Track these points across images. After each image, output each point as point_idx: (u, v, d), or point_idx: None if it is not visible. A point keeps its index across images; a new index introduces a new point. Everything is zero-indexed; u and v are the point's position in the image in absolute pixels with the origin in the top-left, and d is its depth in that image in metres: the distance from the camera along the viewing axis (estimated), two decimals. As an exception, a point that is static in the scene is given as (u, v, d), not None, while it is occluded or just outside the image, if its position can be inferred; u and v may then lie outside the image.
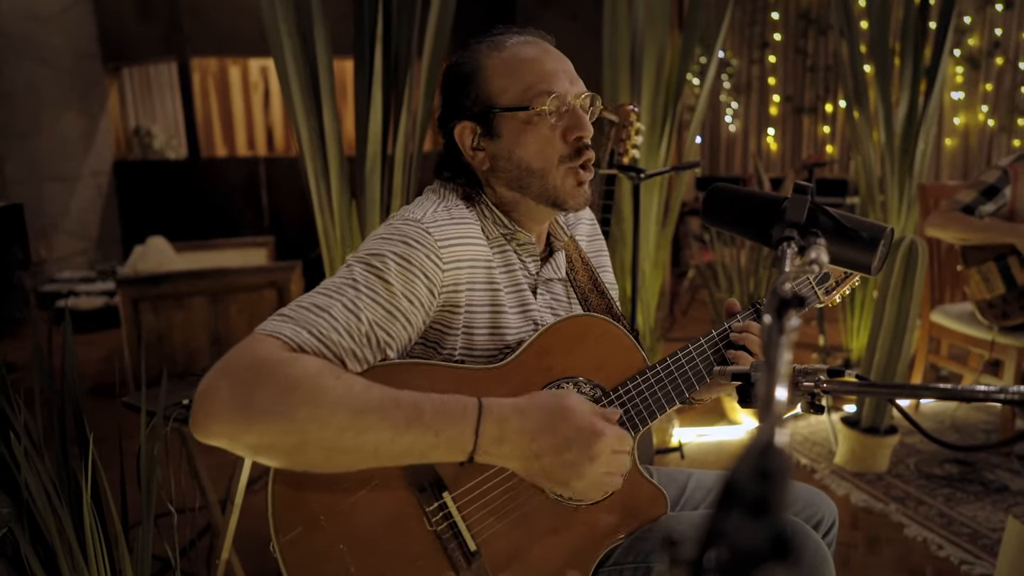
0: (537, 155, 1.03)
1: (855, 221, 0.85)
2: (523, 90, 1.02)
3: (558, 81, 1.03)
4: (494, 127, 1.04)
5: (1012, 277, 2.65)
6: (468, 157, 1.07)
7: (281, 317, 0.89)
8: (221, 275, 3.84)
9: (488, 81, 1.04)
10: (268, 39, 2.01)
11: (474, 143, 1.06)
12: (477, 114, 1.04)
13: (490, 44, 1.06)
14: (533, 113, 1.01)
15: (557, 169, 1.03)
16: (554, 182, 1.04)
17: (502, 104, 1.03)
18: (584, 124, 1.03)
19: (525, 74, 1.02)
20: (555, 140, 1.03)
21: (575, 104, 1.03)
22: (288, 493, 0.89)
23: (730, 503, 0.31)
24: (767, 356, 0.50)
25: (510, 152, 1.04)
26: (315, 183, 2.16)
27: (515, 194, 1.07)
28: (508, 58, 1.04)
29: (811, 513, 1.27)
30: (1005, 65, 4.83)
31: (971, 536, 2.24)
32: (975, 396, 0.77)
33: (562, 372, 1.00)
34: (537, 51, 1.05)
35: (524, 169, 1.04)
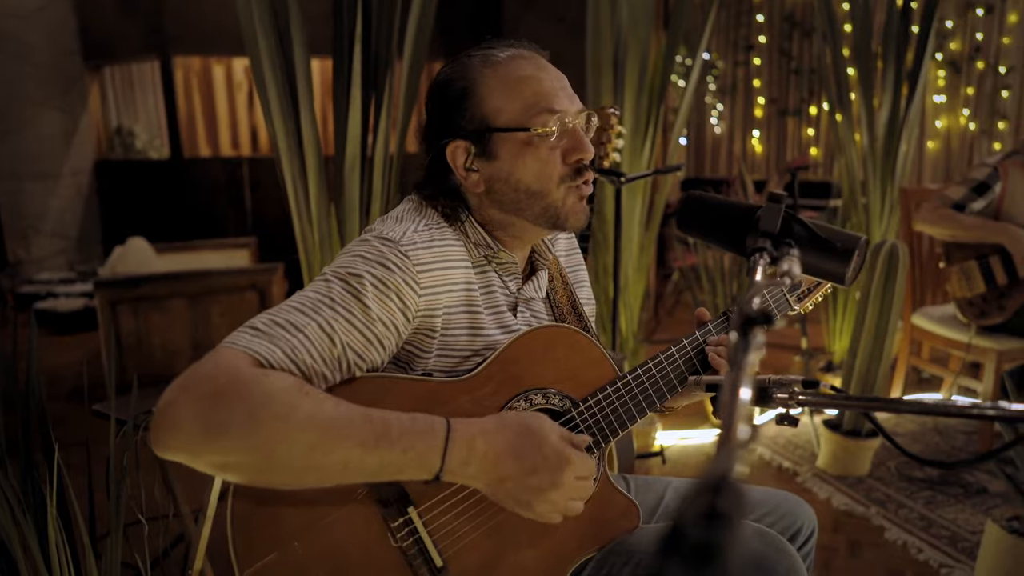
0: (537, 177, 1.00)
1: (829, 231, 0.84)
2: (522, 110, 0.98)
3: (558, 100, 1.00)
4: (490, 148, 1.00)
5: (992, 276, 2.66)
6: (460, 178, 1.03)
7: (253, 332, 0.87)
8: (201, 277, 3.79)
9: (484, 100, 1.00)
10: (244, 38, 1.98)
11: (467, 163, 1.02)
12: (471, 133, 1.01)
13: (483, 59, 1.02)
14: (533, 135, 0.98)
15: (557, 190, 1.01)
16: (554, 202, 1.01)
17: (499, 124, 0.99)
18: (585, 146, 1.01)
19: (524, 93, 0.99)
20: (555, 161, 1.00)
21: (576, 124, 1.01)
22: (248, 509, 0.87)
23: (672, 549, 0.29)
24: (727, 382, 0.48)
25: (508, 174, 1.00)
26: (292, 185, 2.13)
27: (509, 216, 1.04)
28: (504, 75, 1.00)
29: (790, 522, 1.27)
30: (986, 69, 4.86)
31: (951, 539, 2.25)
32: (948, 411, 0.76)
33: (530, 383, 0.99)
34: (534, 68, 1.01)
35: (523, 191, 1.01)
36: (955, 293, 2.79)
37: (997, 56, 4.81)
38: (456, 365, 1.01)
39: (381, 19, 2.15)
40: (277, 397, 0.81)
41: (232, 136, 7.63)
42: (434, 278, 0.97)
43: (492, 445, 0.88)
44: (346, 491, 0.89)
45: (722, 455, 0.36)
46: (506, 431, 0.89)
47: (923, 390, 3.52)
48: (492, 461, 0.87)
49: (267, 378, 0.82)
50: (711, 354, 1.10)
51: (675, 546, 0.29)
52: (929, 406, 0.75)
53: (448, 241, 1.00)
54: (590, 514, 1.01)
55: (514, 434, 0.89)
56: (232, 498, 0.87)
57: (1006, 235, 2.56)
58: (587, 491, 0.93)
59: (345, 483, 0.86)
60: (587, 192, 1.03)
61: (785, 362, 3.85)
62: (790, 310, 1.25)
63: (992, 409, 0.69)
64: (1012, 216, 2.64)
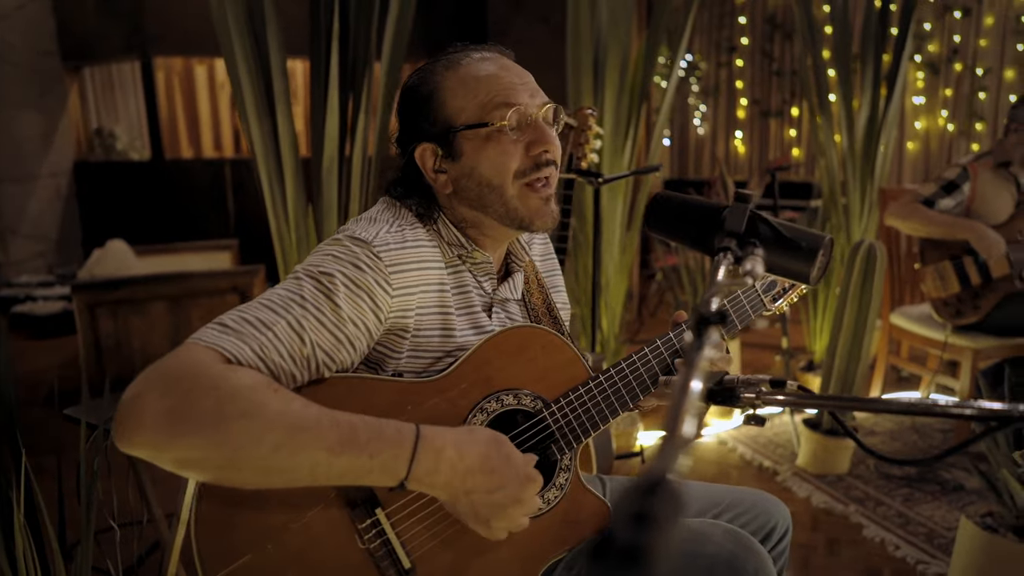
0: (496, 171, 1.00)
1: (794, 231, 0.84)
2: (481, 107, 0.99)
3: (517, 94, 1.00)
4: (455, 148, 1.01)
5: (966, 276, 2.69)
6: (430, 179, 1.04)
7: (222, 328, 0.86)
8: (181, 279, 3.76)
9: (445, 102, 1.01)
10: (218, 39, 1.97)
11: (436, 165, 1.03)
12: (437, 135, 1.01)
13: (446, 63, 1.03)
14: (493, 129, 0.98)
15: (513, 185, 1.00)
16: (512, 201, 1.01)
17: (461, 123, 1.00)
18: (548, 138, 1.00)
19: (482, 91, 0.99)
20: (516, 154, 1.00)
21: (538, 117, 1.01)
22: (215, 512, 0.86)
23: (603, 551, 0.29)
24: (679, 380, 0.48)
25: (471, 170, 1.01)
26: (269, 185, 2.11)
27: (477, 213, 1.04)
28: (464, 76, 1.01)
29: (764, 520, 1.27)
30: (964, 71, 4.92)
31: (927, 536, 2.27)
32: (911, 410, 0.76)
33: (502, 384, 0.98)
34: (494, 67, 1.02)
35: (484, 186, 1.01)
36: (931, 294, 2.82)
37: (974, 58, 4.87)
38: (428, 366, 1.01)
39: (359, 20, 2.14)
40: (244, 394, 0.80)
41: (214, 137, 7.57)
42: (406, 279, 0.96)
43: (462, 456, 0.87)
44: (314, 492, 0.88)
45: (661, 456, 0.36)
46: (477, 444, 0.89)
47: (902, 388, 3.55)
48: (460, 472, 0.87)
49: (235, 375, 0.81)
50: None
51: (605, 548, 0.29)
52: (888, 404, 0.75)
53: (421, 242, 1.00)
54: (561, 515, 1.01)
55: (485, 447, 0.89)
56: (198, 501, 0.86)
57: (972, 232, 2.59)
58: (536, 508, 0.94)
59: (311, 485, 0.85)
60: (548, 192, 1.02)
61: (766, 362, 3.87)
62: (765, 310, 1.25)
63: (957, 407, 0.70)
64: (981, 216, 2.68)
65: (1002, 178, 2.70)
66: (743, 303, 1.19)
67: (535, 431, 1.01)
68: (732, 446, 2.98)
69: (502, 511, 0.89)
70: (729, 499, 1.28)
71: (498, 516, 0.89)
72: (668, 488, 0.32)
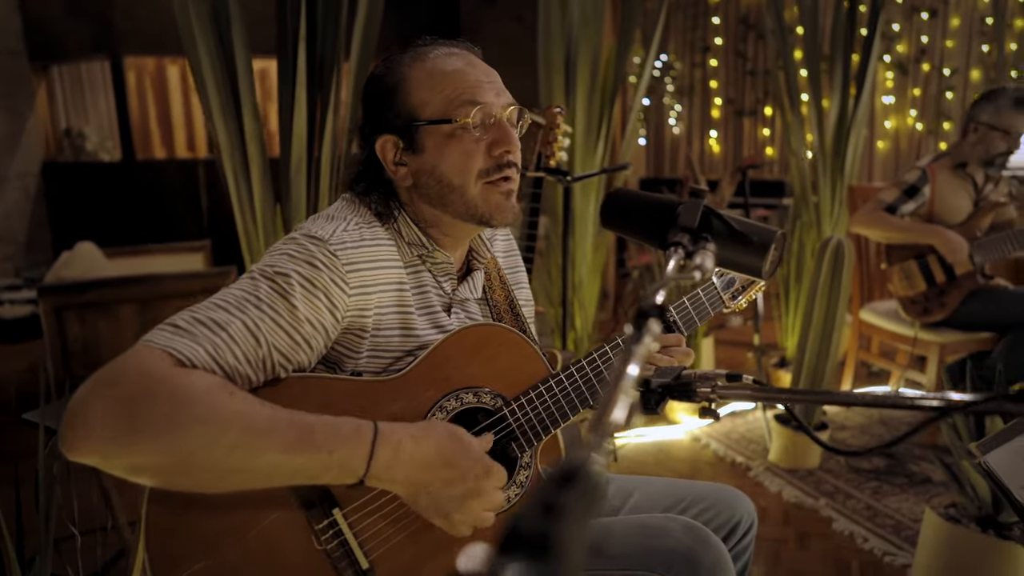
0: (458, 170, 0.99)
1: (747, 226, 0.85)
2: (446, 102, 0.98)
3: (482, 92, 0.99)
4: (417, 141, 1.00)
5: (932, 275, 2.74)
6: (390, 172, 1.03)
7: (174, 329, 0.84)
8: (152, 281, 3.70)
9: (410, 94, 1.00)
10: (182, 37, 1.94)
11: (396, 158, 1.02)
12: (399, 127, 1.01)
13: (412, 55, 1.03)
14: (457, 126, 0.98)
15: (475, 185, 1.00)
16: (473, 199, 1.00)
17: (424, 117, 0.99)
18: (510, 138, 1.00)
19: (447, 86, 0.99)
20: (478, 154, 0.99)
21: (502, 117, 1.00)
22: (166, 516, 0.85)
23: (509, 542, 0.29)
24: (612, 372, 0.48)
25: (432, 167, 1.00)
26: (235, 185, 2.09)
27: (436, 212, 1.03)
28: (431, 69, 1.00)
29: (729, 515, 1.28)
30: (931, 71, 5.00)
31: (895, 528, 2.30)
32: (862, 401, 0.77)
33: (461, 382, 0.98)
34: (461, 63, 1.01)
35: (445, 185, 1.00)
36: (898, 292, 2.86)
37: (941, 58, 4.96)
38: (388, 365, 1.00)
39: (327, 18, 2.13)
40: (198, 397, 0.79)
41: (188, 138, 7.47)
42: (364, 278, 0.95)
43: (420, 449, 0.87)
44: (268, 493, 0.87)
45: (581, 447, 0.36)
46: (434, 437, 0.89)
47: (872, 383, 3.60)
48: (418, 466, 0.86)
49: (188, 377, 0.80)
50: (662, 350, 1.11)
51: (511, 539, 0.29)
52: (835, 396, 0.76)
53: (379, 240, 0.99)
54: (522, 512, 1.01)
55: (442, 440, 0.89)
56: (147, 505, 0.84)
57: (936, 237, 2.64)
58: (500, 503, 0.93)
59: (268, 486, 0.84)
60: (510, 188, 1.02)
61: (739, 359, 3.90)
62: (724, 307, 1.26)
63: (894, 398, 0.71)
64: (943, 217, 2.72)
65: (960, 178, 2.75)
66: (702, 300, 1.20)
67: (495, 429, 1.00)
68: (705, 442, 3.00)
69: (463, 504, 0.88)
70: (694, 494, 1.28)
71: (459, 510, 0.89)
72: (584, 478, 0.32)
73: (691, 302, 1.19)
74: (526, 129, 1.08)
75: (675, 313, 1.17)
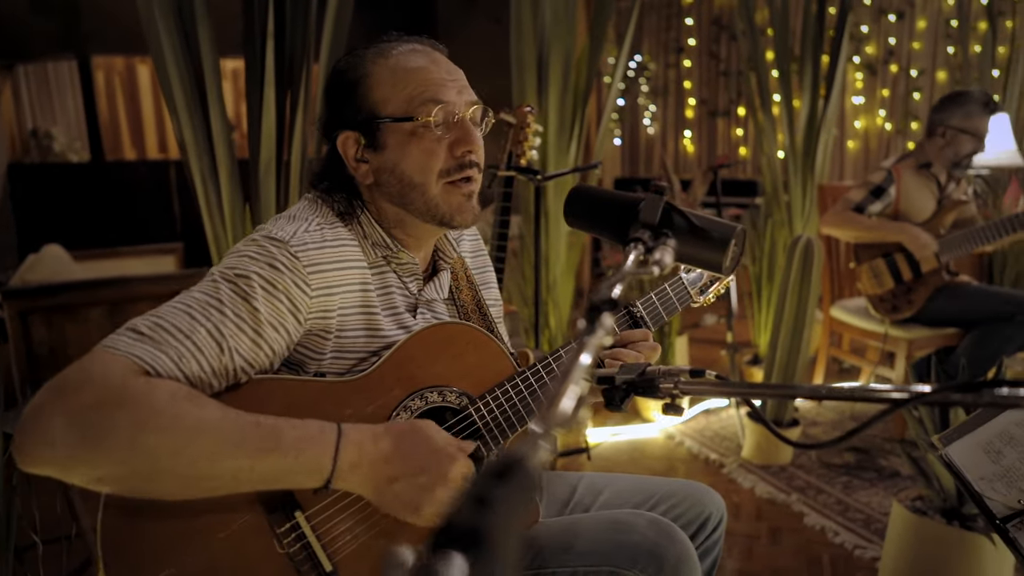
0: (420, 169, 0.98)
1: (708, 221, 0.85)
2: (408, 100, 0.97)
3: (445, 90, 0.99)
4: (378, 138, 0.99)
5: (899, 272, 2.79)
6: (351, 169, 1.02)
7: (136, 336, 0.83)
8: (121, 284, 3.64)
9: (372, 90, 0.99)
10: (145, 35, 1.91)
11: (358, 154, 1.01)
12: (361, 124, 0.99)
13: (376, 51, 1.01)
14: (418, 124, 0.97)
15: (436, 184, 0.99)
16: (434, 199, 1.00)
17: (386, 114, 0.98)
18: (473, 138, 1.00)
19: (410, 83, 0.98)
20: (440, 152, 0.99)
21: (464, 116, 1.00)
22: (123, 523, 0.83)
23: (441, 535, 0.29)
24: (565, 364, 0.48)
25: (394, 165, 0.99)
26: (202, 187, 2.06)
27: (398, 210, 1.03)
28: (394, 66, 0.99)
29: (699, 511, 1.28)
30: (899, 72, 5.09)
31: (865, 521, 2.34)
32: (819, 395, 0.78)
33: (426, 381, 0.97)
34: (425, 60, 1.00)
35: (406, 183, 0.99)
36: (867, 290, 2.91)
37: (909, 60, 5.05)
38: (352, 366, 0.99)
39: (296, 16, 2.10)
40: (162, 407, 0.78)
41: (159, 138, 7.36)
42: (327, 279, 0.94)
43: (381, 446, 0.86)
44: (230, 497, 0.86)
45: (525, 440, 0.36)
46: (394, 433, 0.88)
47: (844, 380, 3.65)
48: (381, 461, 0.86)
49: (151, 386, 0.79)
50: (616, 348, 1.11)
51: (443, 532, 0.28)
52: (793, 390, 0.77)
53: (342, 241, 0.98)
54: (489, 511, 1.00)
55: (402, 435, 0.88)
56: (103, 512, 0.82)
57: (904, 234, 2.70)
58: None
59: (235, 492, 0.83)
60: (470, 188, 1.02)
61: (713, 357, 3.94)
62: (692, 302, 1.27)
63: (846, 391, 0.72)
64: (908, 216, 2.77)
65: (924, 178, 2.80)
66: (669, 295, 1.20)
67: (461, 428, 1.00)
68: (679, 440, 3.02)
69: (430, 494, 0.87)
70: (664, 491, 1.29)
71: (427, 500, 0.88)
72: (520, 471, 0.32)
73: (658, 297, 1.20)
74: (490, 128, 1.08)
75: (642, 309, 1.18)
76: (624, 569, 0.95)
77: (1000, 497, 0.98)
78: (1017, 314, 2.59)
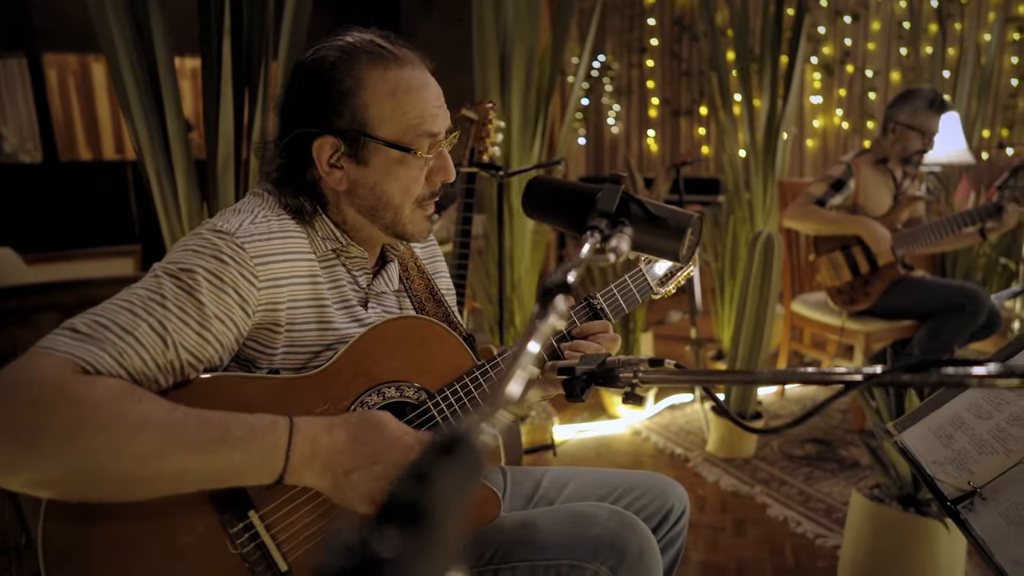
0: (401, 193, 1.00)
1: (664, 210, 0.86)
2: (405, 129, 0.97)
3: (437, 122, 1.00)
4: (363, 153, 0.98)
5: (856, 265, 2.85)
6: (322, 172, 0.99)
7: (74, 335, 0.80)
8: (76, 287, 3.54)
9: (368, 105, 0.96)
10: (96, 30, 1.86)
11: (333, 160, 0.98)
12: (345, 132, 0.96)
13: (372, 60, 0.96)
14: (410, 156, 0.98)
15: (409, 207, 1.02)
16: (403, 219, 1.02)
17: (380, 135, 0.96)
18: (450, 169, 1.03)
19: (409, 111, 0.97)
20: (421, 179, 1.01)
21: (444, 147, 1.02)
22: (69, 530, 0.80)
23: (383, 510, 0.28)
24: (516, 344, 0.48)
25: (375, 183, 0.99)
26: (158, 187, 2.01)
27: (362, 219, 1.03)
28: (395, 88, 0.96)
29: (662, 502, 1.29)
30: (855, 73, 5.21)
31: (826, 511, 2.38)
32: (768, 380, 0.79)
33: (383, 376, 0.96)
34: (420, 83, 0.99)
35: (384, 203, 1.00)
36: (825, 283, 2.97)
37: (864, 60, 5.17)
38: (307, 361, 0.97)
39: (253, 14, 2.07)
40: (102, 405, 0.75)
41: (116, 138, 7.18)
42: (274, 270, 0.93)
43: (336, 437, 0.85)
44: (180, 498, 0.83)
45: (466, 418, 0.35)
46: (349, 424, 0.87)
47: (805, 373, 3.71)
48: (335, 454, 0.84)
49: (91, 385, 0.76)
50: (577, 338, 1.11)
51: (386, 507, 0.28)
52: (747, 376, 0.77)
53: (289, 232, 0.96)
54: (451, 506, 0.99)
55: (357, 425, 0.87)
56: (44, 521, 0.79)
57: (862, 226, 2.76)
58: None
59: (185, 491, 0.80)
60: (433, 212, 1.06)
61: (679, 352, 3.98)
62: (653, 294, 1.28)
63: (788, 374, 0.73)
64: (866, 208, 2.84)
65: (881, 173, 2.87)
66: (630, 287, 1.21)
67: (420, 423, 0.99)
68: (646, 435, 3.04)
69: (387, 485, 0.86)
70: (627, 484, 1.29)
71: (384, 491, 0.86)
72: (464, 449, 0.31)
73: (619, 289, 1.20)
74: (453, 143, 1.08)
75: (602, 300, 1.18)
76: (585, 562, 0.95)
77: (951, 480, 1.00)
78: (967, 305, 2.67)
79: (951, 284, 2.83)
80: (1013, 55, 4.57)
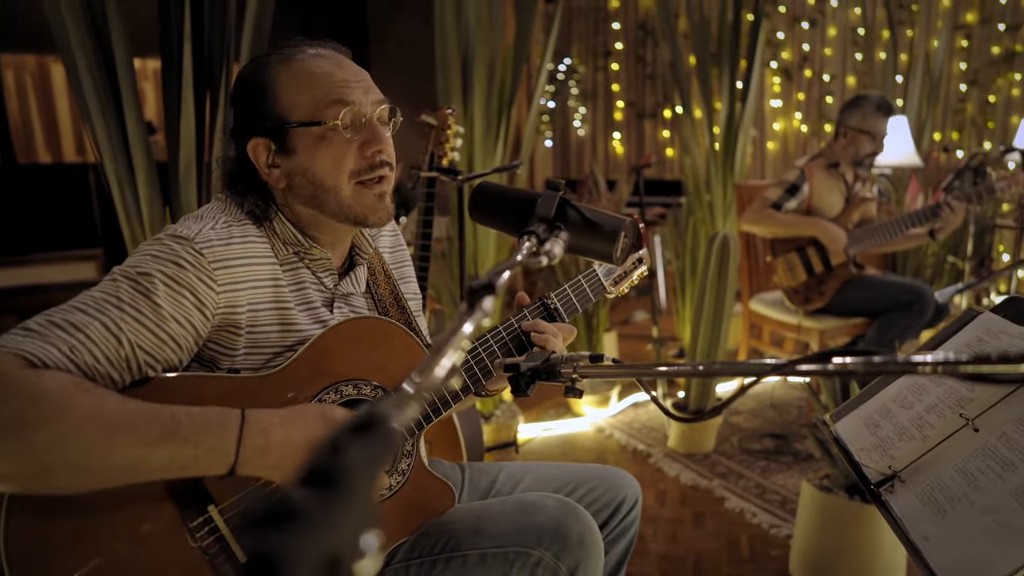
0: (330, 171, 1.01)
1: (600, 215, 0.91)
2: (314, 103, 1.00)
3: (351, 92, 1.01)
4: (288, 144, 1.01)
5: (811, 265, 2.95)
6: (264, 174, 1.03)
7: (26, 333, 0.82)
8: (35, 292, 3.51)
9: (279, 96, 1.00)
10: (52, 31, 1.85)
11: (269, 160, 1.02)
12: (270, 130, 1.01)
13: (280, 57, 1.03)
14: (327, 128, 0.99)
15: (348, 185, 1.02)
16: (347, 200, 1.02)
17: (294, 119, 1.00)
18: (382, 138, 1.02)
19: (315, 87, 1.00)
20: (349, 154, 1.01)
21: (372, 117, 1.02)
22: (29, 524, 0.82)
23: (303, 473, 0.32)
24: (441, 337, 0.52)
25: (305, 169, 1.01)
26: (119, 191, 2.01)
27: (313, 212, 1.05)
28: (299, 71, 1.01)
29: (614, 494, 1.34)
30: (813, 77, 5.36)
31: (781, 502, 2.47)
32: (704, 372, 0.84)
33: (341, 375, 1.00)
34: (329, 64, 1.02)
35: (318, 186, 1.02)
36: (782, 283, 3.07)
37: (821, 65, 5.32)
38: (267, 361, 1.00)
39: (214, 15, 2.08)
40: (49, 396, 0.77)
41: (77, 141, 7.05)
42: (234, 274, 0.96)
43: (290, 431, 0.88)
44: (138, 493, 0.86)
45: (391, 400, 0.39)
46: (305, 418, 0.90)
47: (764, 370, 3.81)
48: (290, 448, 0.87)
49: (38, 378, 0.78)
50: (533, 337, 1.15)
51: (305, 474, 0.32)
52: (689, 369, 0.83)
53: (250, 238, 1.00)
54: (404, 499, 1.03)
55: (311, 420, 0.90)
56: (6, 516, 0.81)
57: (817, 228, 2.86)
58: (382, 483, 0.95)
59: (134, 483, 0.83)
60: (382, 188, 1.05)
61: (642, 351, 4.06)
62: (606, 293, 1.33)
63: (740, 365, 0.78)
64: (820, 211, 2.94)
65: (833, 177, 2.98)
66: (583, 286, 1.26)
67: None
68: (609, 433, 3.11)
69: None
70: (580, 477, 1.34)
71: None
72: (379, 427, 0.36)
73: (572, 289, 1.24)
74: (398, 127, 1.11)
75: (556, 300, 1.22)
76: (531, 548, 0.99)
77: (875, 465, 1.07)
78: (915, 303, 2.78)
79: (900, 282, 2.94)
80: (961, 61, 4.75)
